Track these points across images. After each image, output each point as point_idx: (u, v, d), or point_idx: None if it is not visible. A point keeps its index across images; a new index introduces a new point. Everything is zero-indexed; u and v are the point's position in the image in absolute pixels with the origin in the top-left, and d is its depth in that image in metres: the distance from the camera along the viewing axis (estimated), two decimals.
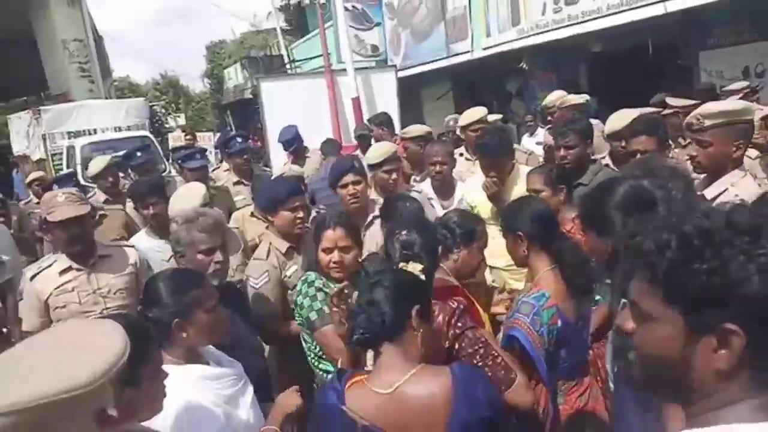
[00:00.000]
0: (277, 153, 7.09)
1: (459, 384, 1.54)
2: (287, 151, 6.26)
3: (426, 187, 3.97)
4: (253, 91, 15.44)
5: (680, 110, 4.53)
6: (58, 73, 14.73)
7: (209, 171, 5.19)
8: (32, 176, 6.94)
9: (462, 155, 4.73)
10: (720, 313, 0.85)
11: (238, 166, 5.26)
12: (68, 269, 2.91)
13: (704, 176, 2.68)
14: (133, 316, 1.81)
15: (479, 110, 5.03)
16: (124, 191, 4.91)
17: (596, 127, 4.01)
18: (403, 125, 6.70)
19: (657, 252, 0.89)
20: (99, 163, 5.18)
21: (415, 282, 1.77)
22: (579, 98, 5.31)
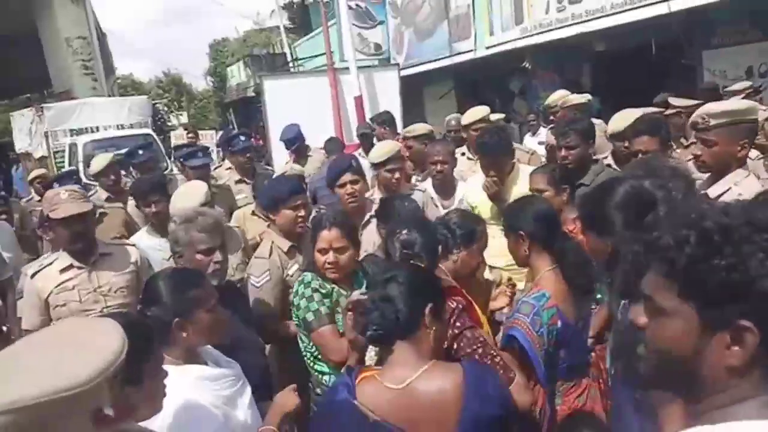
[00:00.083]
0: (279, 151, 7.07)
1: (470, 380, 1.55)
2: (289, 150, 6.26)
3: (427, 187, 3.96)
4: (256, 90, 15.44)
5: (683, 110, 4.52)
6: (62, 71, 14.76)
7: (211, 169, 5.17)
8: (34, 174, 6.96)
9: (464, 154, 4.72)
10: (735, 310, 0.85)
11: (241, 165, 5.24)
12: (69, 267, 2.90)
13: (708, 175, 2.69)
14: (135, 314, 1.82)
15: (481, 109, 5.05)
16: (126, 189, 4.92)
17: (598, 127, 3.99)
18: (406, 124, 6.68)
19: (676, 247, 0.89)
20: (101, 161, 5.16)
21: (430, 279, 1.76)
22: (581, 98, 5.30)
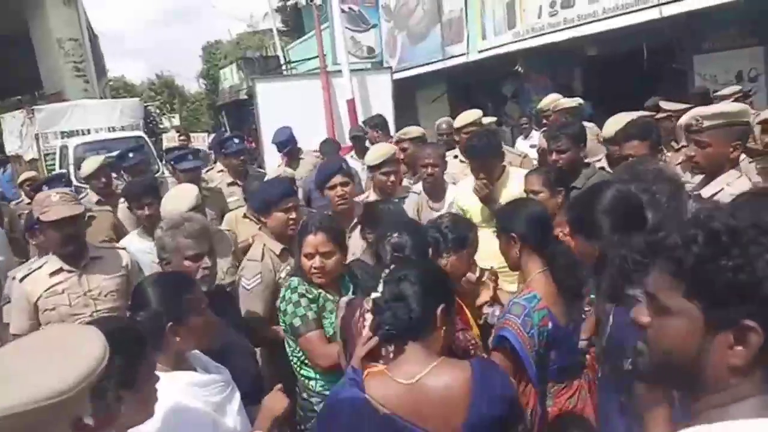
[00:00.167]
0: (272, 154, 7.06)
1: (478, 378, 1.57)
2: (281, 153, 6.25)
3: (418, 190, 3.96)
4: (249, 92, 15.39)
5: (673, 114, 4.54)
6: (53, 72, 14.70)
7: (202, 172, 5.15)
8: (24, 176, 6.89)
9: (456, 157, 4.73)
10: (741, 310, 0.85)
11: (234, 167, 5.22)
12: (59, 271, 2.87)
13: (700, 177, 2.72)
14: (129, 319, 1.80)
15: (473, 113, 5.08)
16: (117, 192, 4.89)
17: (590, 131, 4.01)
18: (398, 127, 6.68)
19: (683, 246, 0.90)
20: (92, 164, 5.12)
21: (442, 279, 1.77)
22: (572, 102, 5.34)
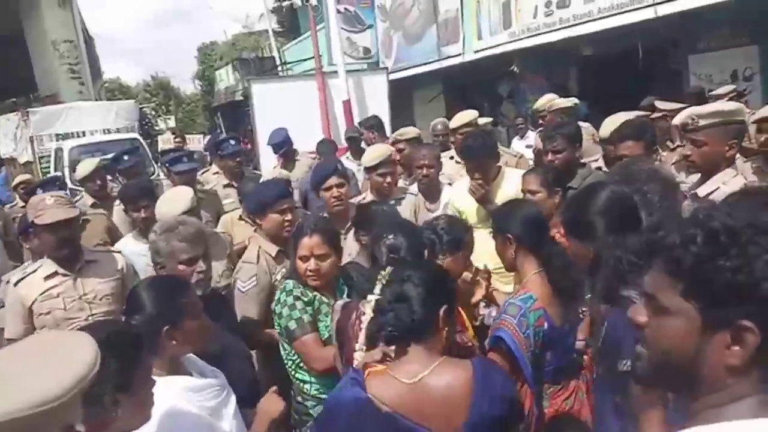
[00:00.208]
0: (267, 156, 7.05)
1: (479, 377, 1.57)
2: (277, 154, 6.24)
3: (415, 191, 3.96)
4: (244, 93, 15.36)
5: (669, 114, 4.55)
6: (48, 74, 14.66)
7: (198, 174, 5.13)
8: (18, 179, 6.85)
9: (452, 158, 4.73)
10: (739, 310, 0.85)
11: (230, 169, 5.20)
12: (54, 274, 2.86)
13: (694, 176, 2.73)
14: (125, 322, 1.79)
15: (469, 113, 5.08)
16: (112, 195, 4.86)
17: (586, 131, 4.01)
18: (395, 128, 6.67)
19: (682, 246, 0.90)
20: (87, 166, 5.08)
21: (444, 280, 1.77)
22: (567, 102, 5.35)
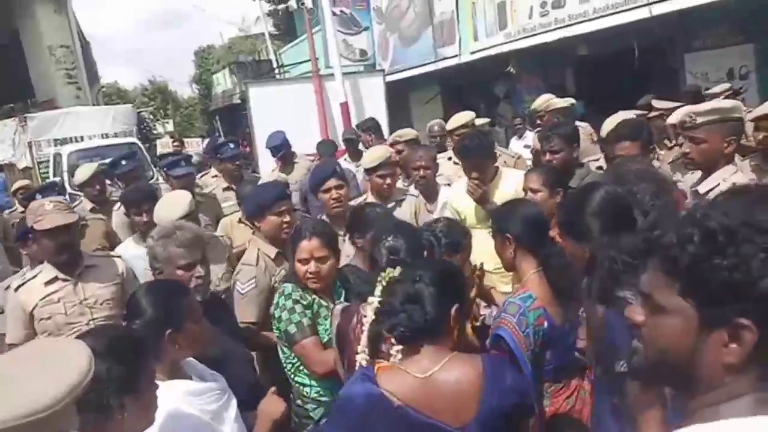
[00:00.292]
0: (265, 159, 7.06)
1: (489, 372, 1.58)
2: (275, 158, 6.24)
3: (415, 192, 3.96)
4: (242, 96, 15.38)
5: (666, 112, 4.56)
6: (45, 80, 14.66)
7: (196, 178, 5.13)
8: (17, 185, 6.86)
9: (450, 159, 4.74)
10: (736, 309, 0.86)
11: (230, 172, 5.20)
12: (54, 280, 2.86)
13: (698, 174, 2.74)
14: (128, 326, 1.80)
15: (466, 114, 5.10)
16: (111, 199, 4.86)
17: (583, 131, 4.03)
18: (392, 130, 6.69)
19: (679, 245, 0.90)
20: (86, 171, 5.07)
21: (456, 279, 1.78)
22: (564, 102, 5.37)
